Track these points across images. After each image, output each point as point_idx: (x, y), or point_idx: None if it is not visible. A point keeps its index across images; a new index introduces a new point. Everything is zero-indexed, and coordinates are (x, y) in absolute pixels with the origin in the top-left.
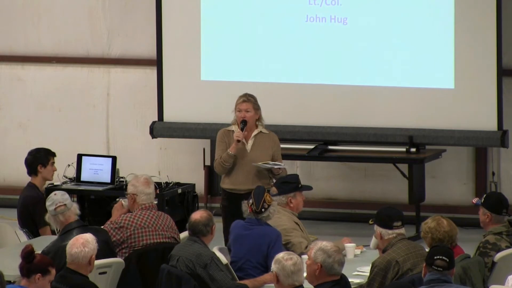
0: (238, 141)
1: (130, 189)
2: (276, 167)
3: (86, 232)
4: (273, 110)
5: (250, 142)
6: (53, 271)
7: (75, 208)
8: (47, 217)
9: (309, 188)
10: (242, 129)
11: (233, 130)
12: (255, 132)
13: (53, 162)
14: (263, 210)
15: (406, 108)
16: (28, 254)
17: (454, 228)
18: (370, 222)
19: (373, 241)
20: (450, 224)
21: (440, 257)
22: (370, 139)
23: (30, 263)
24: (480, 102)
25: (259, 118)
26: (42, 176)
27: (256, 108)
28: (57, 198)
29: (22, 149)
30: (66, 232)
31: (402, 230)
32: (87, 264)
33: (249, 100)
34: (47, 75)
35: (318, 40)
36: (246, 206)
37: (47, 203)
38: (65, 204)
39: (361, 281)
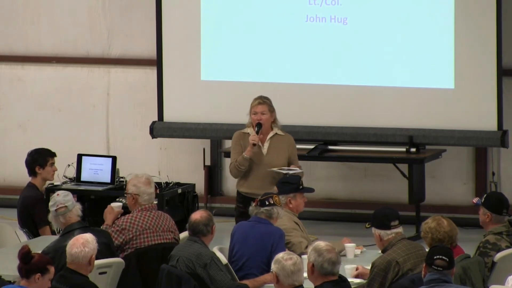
0: (254, 144)
1: (131, 189)
2: (291, 172)
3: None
4: None
5: (266, 144)
6: (52, 269)
7: (77, 209)
8: (50, 216)
9: (310, 190)
10: (257, 132)
11: (248, 133)
12: (271, 134)
13: (53, 163)
14: (266, 203)
15: (406, 108)
16: (25, 255)
17: (454, 228)
18: (367, 226)
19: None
20: (450, 224)
21: (440, 256)
22: (370, 139)
23: (28, 264)
24: (480, 102)
25: (275, 120)
26: (41, 177)
27: (272, 110)
28: (58, 199)
29: (22, 149)
30: (67, 233)
31: (400, 229)
32: (87, 264)
33: (264, 102)
34: (47, 75)
35: (318, 40)
36: (252, 205)
37: (50, 203)
38: (66, 206)
39: (361, 281)
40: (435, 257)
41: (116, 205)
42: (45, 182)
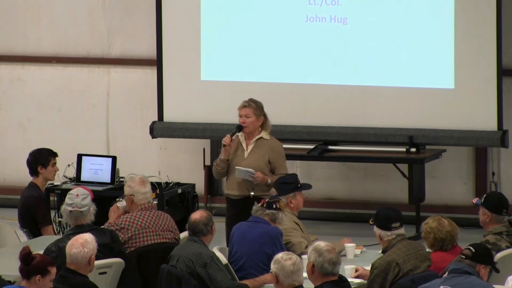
0: (224, 145)
1: (126, 190)
2: (247, 173)
3: (94, 235)
4: (273, 110)
5: (250, 147)
6: (53, 270)
7: (91, 214)
8: (62, 209)
9: (308, 186)
10: (233, 134)
11: (237, 135)
12: (256, 137)
13: (55, 163)
14: (273, 206)
15: (406, 108)
16: (25, 257)
17: (455, 227)
18: (370, 222)
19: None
20: (451, 223)
21: (469, 247)
22: (370, 139)
23: (28, 265)
24: (480, 102)
25: (263, 124)
26: (43, 176)
27: (258, 114)
28: (77, 202)
29: (22, 149)
30: (75, 233)
31: (401, 231)
32: (86, 264)
33: (249, 105)
34: (47, 75)
35: (318, 40)
36: (256, 205)
37: (67, 200)
38: (81, 211)
39: (362, 281)
40: (466, 247)
41: (122, 205)
42: (46, 182)
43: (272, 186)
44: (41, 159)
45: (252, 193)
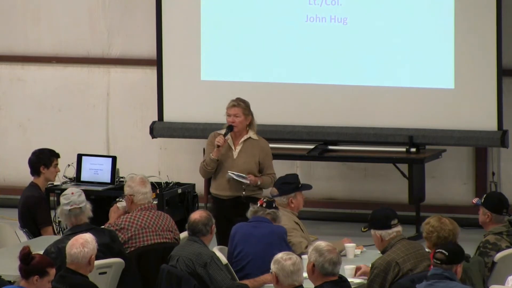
0: (218, 146)
1: (126, 190)
2: (240, 179)
3: (93, 234)
4: (273, 110)
5: (238, 148)
6: (52, 272)
7: (88, 210)
8: (59, 212)
9: (309, 187)
10: (225, 134)
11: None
12: (244, 138)
13: (56, 164)
14: (273, 205)
15: (406, 108)
16: (25, 256)
17: (457, 226)
18: (363, 229)
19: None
20: (452, 222)
21: (440, 250)
22: (370, 139)
23: (27, 265)
24: (480, 102)
25: (250, 124)
26: (45, 176)
27: (247, 113)
28: (74, 200)
29: (22, 149)
30: (74, 233)
31: (400, 228)
32: (86, 264)
33: (239, 104)
34: (47, 75)
35: (318, 40)
36: (253, 207)
37: (63, 200)
38: (80, 207)
39: (361, 281)
40: (437, 251)
41: (122, 205)
42: (47, 182)
43: (261, 187)
44: (43, 159)
45: (244, 193)
